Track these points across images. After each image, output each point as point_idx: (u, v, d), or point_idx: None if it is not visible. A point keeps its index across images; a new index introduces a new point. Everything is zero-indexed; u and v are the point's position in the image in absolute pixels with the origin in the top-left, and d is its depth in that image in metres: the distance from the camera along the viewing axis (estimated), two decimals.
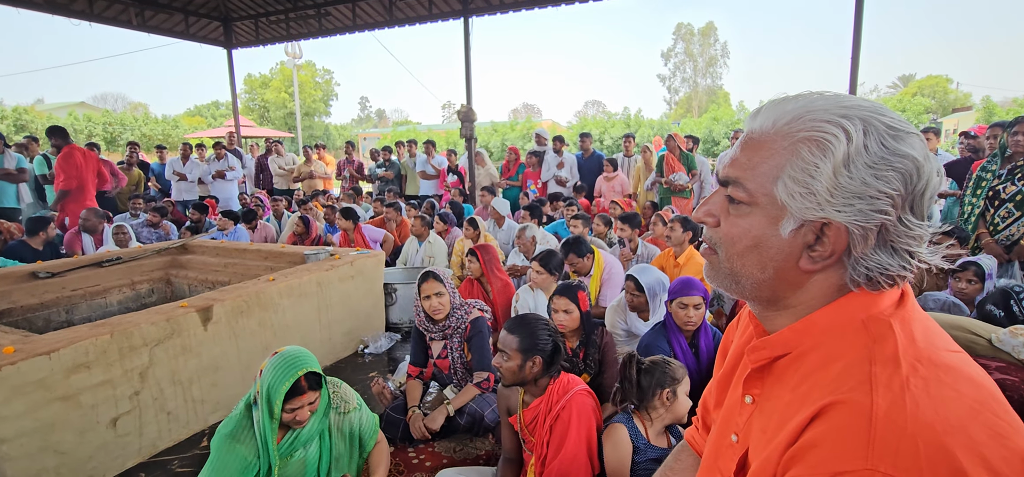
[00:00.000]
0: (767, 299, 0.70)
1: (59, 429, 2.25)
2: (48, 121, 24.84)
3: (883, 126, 0.60)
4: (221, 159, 8.39)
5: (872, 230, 0.61)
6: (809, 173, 0.61)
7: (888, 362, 0.58)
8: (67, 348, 2.27)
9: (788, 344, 0.68)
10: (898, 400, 0.55)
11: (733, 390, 0.82)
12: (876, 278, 0.63)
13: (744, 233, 0.67)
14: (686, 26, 44.22)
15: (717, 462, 0.81)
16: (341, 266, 3.80)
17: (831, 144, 0.60)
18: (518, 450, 2.15)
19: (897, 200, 0.60)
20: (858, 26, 6.40)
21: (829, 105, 0.62)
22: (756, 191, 0.66)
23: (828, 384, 0.60)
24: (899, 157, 0.60)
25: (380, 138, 24.05)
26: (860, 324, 0.63)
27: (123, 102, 46.82)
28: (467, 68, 7.71)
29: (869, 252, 0.62)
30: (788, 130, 0.63)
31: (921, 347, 0.60)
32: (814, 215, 0.62)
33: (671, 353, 2.47)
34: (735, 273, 0.70)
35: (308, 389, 1.73)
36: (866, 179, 0.60)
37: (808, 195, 0.62)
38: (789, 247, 0.65)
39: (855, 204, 0.60)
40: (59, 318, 3.85)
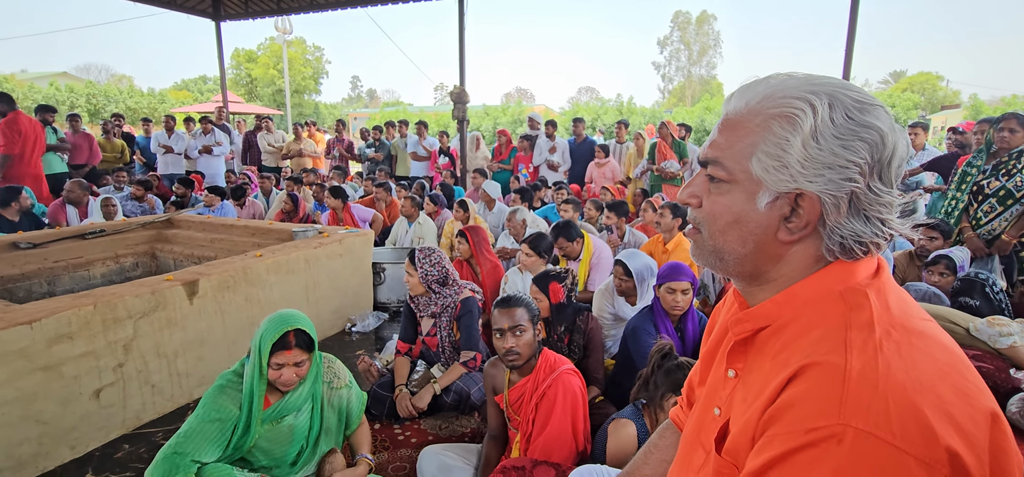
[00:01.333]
0: (749, 274, 0.73)
1: (41, 399, 2.23)
2: (29, 91, 24.24)
3: (849, 100, 0.64)
4: (208, 134, 8.25)
5: (843, 199, 0.64)
6: (781, 147, 0.65)
7: (863, 327, 0.61)
8: (49, 318, 2.24)
9: (769, 316, 0.71)
10: (871, 361, 0.58)
11: (717, 366, 0.84)
12: (850, 246, 0.66)
13: (725, 210, 0.71)
14: (684, 14, 44.06)
15: (699, 436, 0.82)
16: (330, 244, 3.78)
17: (799, 118, 0.64)
18: (503, 428, 2.17)
19: (865, 168, 0.63)
20: (853, 20, 6.42)
21: (798, 84, 0.66)
22: (734, 168, 0.69)
23: (805, 349, 0.63)
24: (865, 128, 0.63)
25: (370, 118, 23.81)
26: (838, 295, 0.65)
27: (107, 73, 45.74)
28: (461, 47, 7.62)
29: (843, 221, 0.65)
30: (760, 108, 0.67)
31: (895, 314, 0.63)
32: (788, 187, 0.65)
33: (658, 335, 2.50)
34: (718, 249, 0.73)
35: (295, 347, 1.76)
36: (834, 149, 0.63)
37: (781, 168, 0.65)
38: (767, 220, 0.68)
39: (825, 174, 0.64)
40: (41, 289, 3.79)
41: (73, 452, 2.37)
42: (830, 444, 0.55)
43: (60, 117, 8.11)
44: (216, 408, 1.70)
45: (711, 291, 3.83)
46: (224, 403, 1.71)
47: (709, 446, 0.76)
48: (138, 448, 2.46)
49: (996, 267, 3.71)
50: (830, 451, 0.55)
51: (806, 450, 0.57)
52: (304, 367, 1.80)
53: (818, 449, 0.56)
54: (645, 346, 2.49)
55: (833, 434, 0.55)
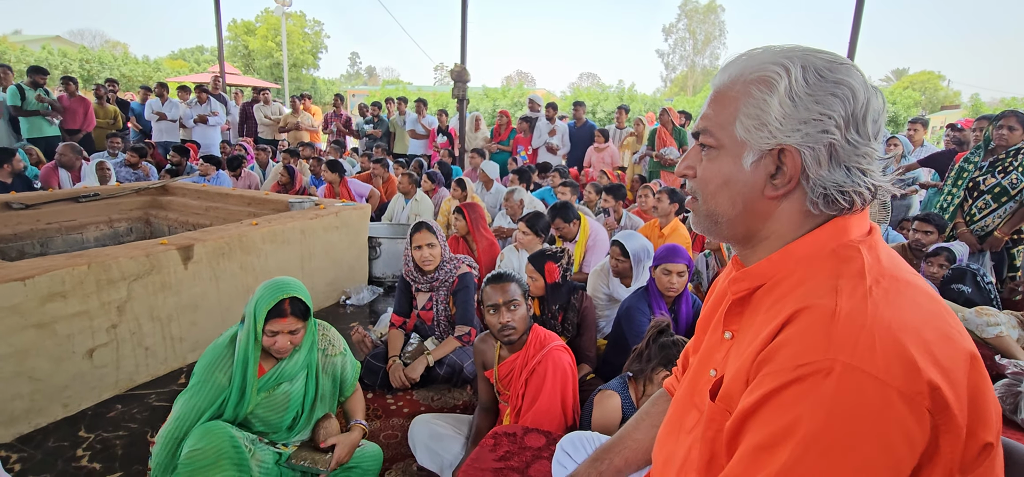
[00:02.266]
0: (743, 235, 0.78)
1: (33, 356, 2.23)
2: (22, 53, 23.86)
3: (820, 61, 0.69)
4: (204, 103, 8.17)
5: (822, 150, 0.68)
6: (760, 108, 0.70)
7: (854, 276, 0.65)
8: (42, 275, 2.23)
9: (765, 274, 0.74)
10: (859, 303, 0.61)
11: (713, 331, 0.86)
12: (833, 196, 0.70)
13: (715, 174, 0.76)
14: (693, 2, 43.65)
15: (693, 398, 0.84)
16: (326, 216, 3.77)
17: (775, 80, 0.69)
18: (494, 401, 2.19)
19: (840, 121, 0.68)
20: (857, 18, 6.39)
21: (773, 52, 0.72)
22: (720, 134, 0.75)
23: (798, 297, 0.67)
24: (835, 84, 0.68)
25: (369, 95, 23.59)
26: (831, 251, 0.69)
27: (101, 39, 44.95)
28: (463, 23, 7.53)
29: (824, 173, 0.69)
30: (740, 77, 0.73)
31: (885, 266, 0.67)
32: (769, 144, 0.70)
33: (651, 316, 2.52)
34: (712, 213, 0.78)
35: (290, 315, 1.74)
36: (808, 105, 0.68)
37: (760, 127, 0.70)
38: (753, 179, 0.73)
39: (802, 128, 0.68)
40: (33, 250, 3.78)
41: (65, 410, 2.38)
42: (817, 377, 0.58)
43: (53, 81, 8.00)
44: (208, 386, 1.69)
45: (704, 277, 3.86)
46: (216, 377, 1.71)
47: (703, 405, 0.78)
48: (131, 408, 2.47)
49: (987, 264, 3.75)
50: (818, 384, 0.58)
51: (795, 384, 0.60)
52: (299, 335, 1.80)
53: (806, 383, 0.59)
54: (639, 326, 2.52)
55: (820, 368, 0.58)
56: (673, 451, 0.85)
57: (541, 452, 1.55)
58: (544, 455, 1.53)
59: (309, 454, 1.81)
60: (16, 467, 2.06)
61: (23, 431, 2.24)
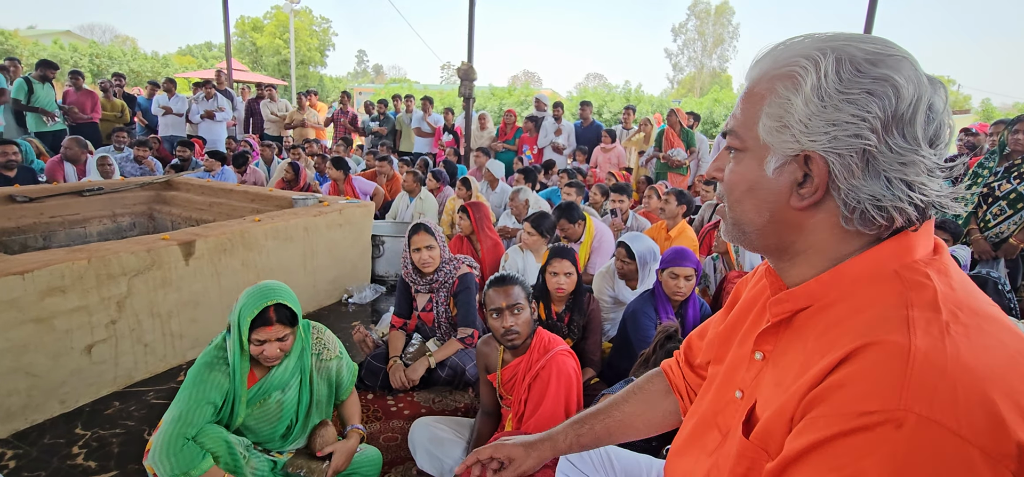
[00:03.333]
0: (775, 247, 0.70)
1: (32, 351, 2.21)
2: (33, 48, 24.02)
3: (860, 53, 0.59)
4: (210, 99, 8.17)
5: (854, 158, 0.59)
6: (783, 108, 0.62)
7: (927, 307, 0.56)
8: (42, 270, 2.20)
9: (813, 295, 0.66)
10: (938, 343, 0.52)
11: (739, 346, 0.79)
12: (870, 212, 0.61)
13: (740, 178, 0.69)
14: (704, 2, 43.44)
15: (716, 418, 0.78)
16: (329, 213, 3.73)
17: (800, 76, 0.61)
18: (496, 405, 2.14)
19: (876, 124, 0.58)
20: (869, 21, 6.31)
21: (808, 42, 0.63)
22: (745, 135, 0.68)
23: (858, 329, 0.57)
24: (873, 80, 0.58)
25: (375, 93, 23.60)
26: (892, 273, 0.60)
27: (110, 34, 45.26)
28: (470, 22, 7.49)
29: (858, 183, 0.60)
30: (767, 72, 0.65)
31: (961, 296, 0.58)
32: (792, 149, 0.62)
33: (657, 320, 2.47)
34: (738, 221, 0.71)
35: (276, 322, 1.64)
36: (838, 105, 0.59)
37: (783, 129, 0.63)
38: (778, 186, 0.65)
39: (829, 132, 0.59)
40: (36, 244, 3.76)
41: (63, 406, 2.35)
42: (887, 429, 0.50)
43: (62, 75, 8.02)
44: (210, 384, 1.61)
45: (712, 280, 3.80)
46: (216, 377, 1.63)
47: (727, 429, 0.72)
48: (128, 405, 2.44)
49: (1001, 270, 3.68)
50: (886, 437, 0.50)
51: (858, 435, 0.52)
52: (288, 342, 1.70)
53: (872, 434, 0.51)
54: (645, 330, 2.47)
55: (891, 418, 0.50)
56: (691, 471, 0.80)
57: None
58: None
59: (305, 463, 1.77)
60: (11, 464, 2.03)
61: (19, 427, 2.21)
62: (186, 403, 1.57)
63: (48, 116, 6.61)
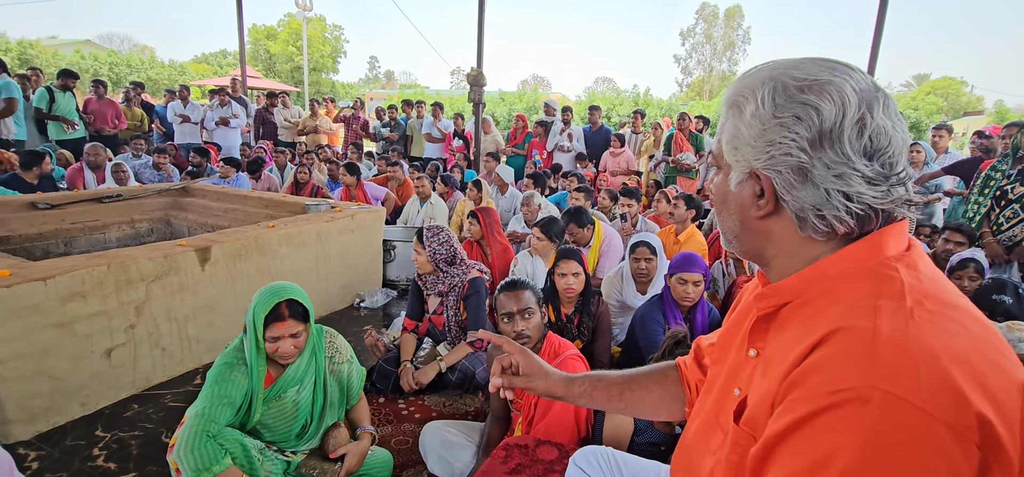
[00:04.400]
0: (752, 252, 0.78)
1: (53, 355, 2.27)
2: (53, 57, 24.52)
3: (792, 81, 0.67)
4: (225, 106, 8.30)
5: (791, 174, 0.68)
6: (734, 132, 0.72)
7: (894, 297, 0.61)
8: (63, 276, 2.27)
9: (794, 290, 0.71)
10: (901, 326, 0.57)
11: (738, 348, 0.83)
12: (811, 220, 0.68)
13: (717, 191, 0.79)
14: (711, 6, 43.27)
15: (718, 418, 0.81)
16: (341, 219, 3.79)
17: (742, 104, 0.71)
18: (506, 409, 2.16)
19: (803, 143, 0.66)
20: (879, 24, 6.26)
21: (753, 74, 0.72)
22: (718, 154, 0.78)
23: (832, 317, 0.62)
24: (799, 105, 0.66)
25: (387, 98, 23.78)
26: (868, 270, 0.65)
27: (129, 43, 46.14)
28: (480, 28, 7.54)
29: (799, 195, 0.68)
30: (728, 100, 0.75)
31: (927, 286, 0.62)
32: (744, 167, 0.72)
33: (666, 325, 2.48)
34: (723, 229, 0.81)
35: (289, 317, 1.71)
36: (771, 128, 0.68)
37: (734, 150, 0.73)
38: (742, 199, 0.74)
39: (768, 151, 0.68)
40: (57, 250, 3.85)
41: (83, 408, 2.41)
42: (855, 406, 0.54)
43: (83, 84, 8.21)
44: (232, 383, 1.67)
45: (721, 285, 3.79)
46: (237, 376, 1.68)
47: (728, 426, 0.75)
48: (147, 408, 2.49)
49: (1015, 274, 3.63)
50: (855, 413, 0.54)
51: (829, 412, 0.56)
52: (301, 338, 1.77)
53: (842, 411, 0.55)
54: (653, 335, 2.48)
55: (859, 396, 0.54)
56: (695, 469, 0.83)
57: (553, 465, 1.52)
58: (556, 469, 1.50)
59: (318, 464, 1.81)
60: (34, 465, 2.09)
61: (41, 429, 2.28)
62: (208, 401, 1.62)
63: (69, 124, 6.77)
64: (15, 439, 2.19)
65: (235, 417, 1.68)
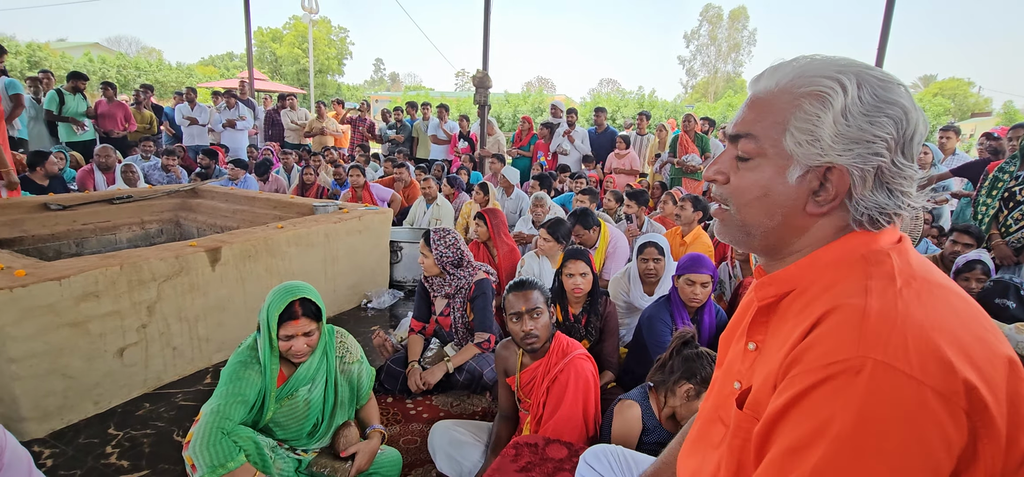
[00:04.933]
0: (773, 247, 0.76)
1: (67, 354, 2.30)
2: (62, 60, 24.74)
3: (874, 78, 0.67)
4: (232, 108, 8.37)
5: (870, 172, 0.67)
6: (813, 123, 0.68)
7: (883, 277, 0.65)
8: (77, 276, 2.30)
9: (793, 280, 0.73)
10: (891, 302, 0.61)
11: (735, 344, 0.85)
12: (875, 217, 0.69)
13: (753, 184, 0.74)
14: (715, 8, 43.25)
15: (718, 412, 0.83)
16: (349, 220, 3.81)
17: (830, 96, 0.67)
18: (514, 409, 2.18)
19: (891, 143, 0.67)
20: (886, 25, 6.25)
21: (824, 64, 0.70)
22: (765, 143, 0.72)
23: (826, 300, 0.66)
24: (889, 104, 0.66)
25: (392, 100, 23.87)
26: (860, 257, 0.69)
27: (137, 46, 46.50)
28: (486, 31, 7.57)
29: (868, 193, 0.68)
30: (790, 87, 0.70)
31: (916, 269, 0.67)
32: (818, 161, 0.69)
33: (673, 326, 2.48)
34: (746, 224, 0.76)
35: (302, 316, 1.74)
36: (862, 125, 0.66)
37: (813, 142, 0.68)
38: (796, 193, 0.71)
39: (854, 148, 0.67)
40: (69, 250, 3.90)
41: (96, 407, 2.44)
42: (848, 376, 0.57)
43: (92, 86, 8.29)
44: (247, 381, 1.69)
45: (727, 287, 3.79)
46: (251, 375, 1.71)
47: (729, 419, 0.76)
48: (158, 407, 2.52)
49: (1023, 276, 3.61)
50: (849, 382, 0.57)
51: (825, 384, 0.59)
52: (314, 336, 1.80)
53: (836, 381, 0.58)
54: (661, 336, 2.48)
55: (851, 367, 0.57)
56: (699, 467, 0.84)
57: (563, 464, 1.53)
58: (566, 467, 1.51)
59: (329, 462, 1.83)
60: (48, 462, 2.12)
61: (55, 427, 2.31)
62: (223, 399, 1.65)
63: (78, 125, 6.84)
64: (29, 436, 2.22)
65: (248, 415, 1.71)
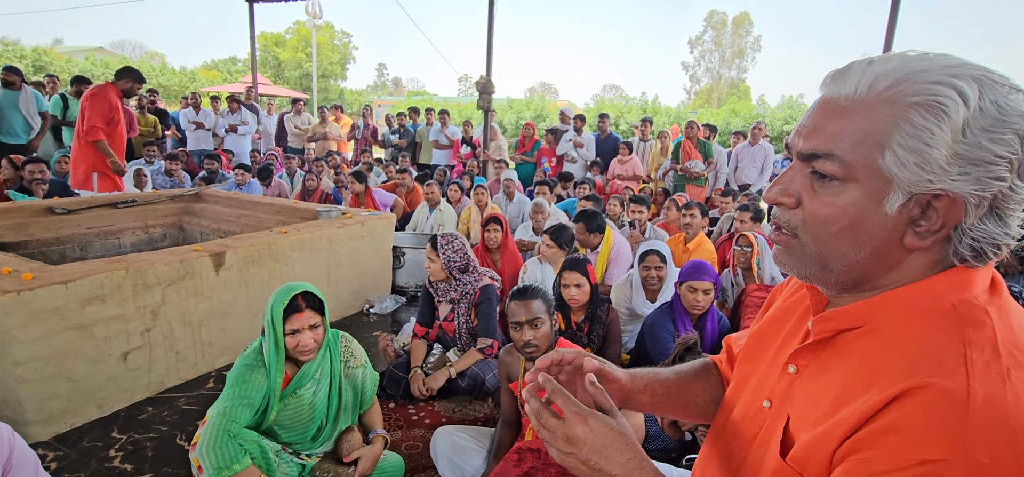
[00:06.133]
0: (854, 282, 0.64)
1: (72, 357, 2.31)
2: (66, 64, 24.88)
3: (997, 84, 0.54)
4: (235, 113, 8.42)
5: (986, 198, 0.55)
6: (924, 141, 0.54)
7: (986, 348, 0.53)
8: (83, 279, 2.31)
9: (860, 318, 0.62)
10: (998, 389, 0.50)
11: (772, 357, 0.76)
12: (983, 249, 0.57)
13: (839, 212, 0.60)
14: (719, 14, 43.38)
15: (741, 426, 0.77)
16: (352, 225, 3.82)
17: (947, 108, 0.53)
18: (517, 414, 2.18)
19: (1015, 163, 0.54)
20: (890, 31, 6.26)
21: (933, 65, 0.56)
22: (855, 164, 0.58)
23: (908, 364, 0.55)
24: (1017, 116, 0.53)
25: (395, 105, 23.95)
26: (949, 307, 0.57)
27: (140, 50, 46.75)
28: (489, 36, 7.59)
29: (977, 223, 0.56)
30: (890, 95, 0.56)
31: (1020, 337, 0.55)
32: (927, 187, 0.55)
33: (675, 333, 2.49)
34: (824, 256, 0.63)
35: (306, 308, 1.78)
36: (983, 143, 0.53)
37: (924, 165, 0.55)
38: (893, 223, 0.58)
39: (972, 172, 0.54)
40: (74, 254, 3.91)
41: (100, 411, 2.45)
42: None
43: None
44: (252, 384, 1.71)
45: (729, 294, 3.79)
46: (257, 378, 1.73)
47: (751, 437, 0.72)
48: (161, 411, 2.53)
49: None
50: None
51: None
52: (320, 330, 1.82)
53: None
54: (663, 343, 2.49)
55: (952, 469, 0.48)
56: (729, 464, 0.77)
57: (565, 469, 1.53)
58: (568, 473, 1.51)
59: (332, 467, 1.83)
60: (52, 466, 2.12)
61: (59, 430, 2.31)
62: (229, 402, 1.67)
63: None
64: (34, 439, 2.23)
65: (253, 418, 1.72)
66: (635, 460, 0.69)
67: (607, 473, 0.69)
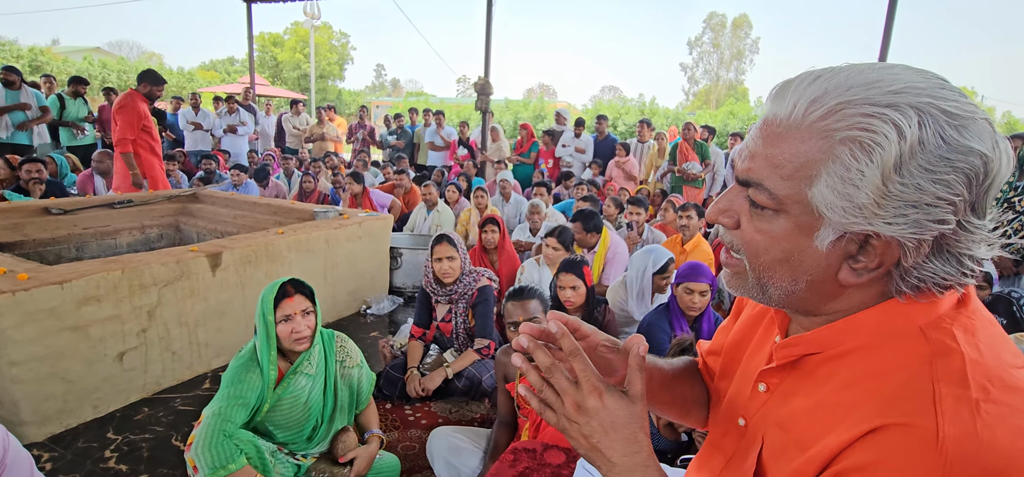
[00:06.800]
0: (798, 309, 0.63)
1: (68, 358, 2.30)
2: (64, 64, 24.81)
3: (943, 115, 0.49)
4: (233, 113, 8.41)
5: (929, 242, 0.51)
6: (853, 182, 0.51)
7: (954, 382, 0.50)
8: (79, 280, 2.31)
9: (823, 343, 0.61)
10: (968, 428, 0.48)
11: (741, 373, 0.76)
12: (927, 288, 0.54)
13: (772, 243, 0.58)
14: (719, 16, 43.47)
15: (721, 441, 0.77)
16: (349, 226, 3.82)
17: (879, 145, 0.49)
18: (513, 415, 2.18)
19: (959, 205, 0.50)
20: (887, 33, 6.28)
21: (873, 93, 0.50)
22: (784, 197, 0.55)
23: (881, 400, 0.53)
24: (962, 153, 0.49)
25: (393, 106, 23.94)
26: (918, 331, 0.54)
27: (137, 50, 46.66)
28: (487, 37, 7.59)
29: (921, 261, 0.53)
30: (823, 127, 0.52)
31: (990, 364, 0.52)
32: (858, 228, 0.52)
33: (672, 334, 2.49)
34: (763, 284, 0.61)
35: (296, 293, 1.78)
36: (921, 184, 0.49)
37: (852, 207, 0.52)
38: (827, 259, 0.56)
39: (909, 214, 0.50)
40: (70, 254, 3.90)
41: (95, 412, 2.44)
42: None
43: (93, 90, 8.34)
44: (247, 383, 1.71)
45: (726, 295, 3.80)
46: (252, 377, 1.73)
47: (728, 453, 0.73)
48: (157, 412, 2.52)
49: (1022, 288, 3.62)
50: None
51: None
52: (312, 317, 1.82)
53: None
54: (659, 344, 2.49)
55: None
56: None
57: (561, 469, 1.54)
58: (564, 473, 1.51)
59: (328, 468, 1.83)
60: (48, 466, 2.12)
61: (54, 431, 2.31)
62: (224, 402, 1.67)
63: (78, 130, 6.88)
64: (29, 440, 2.22)
65: (248, 417, 1.72)
66: (640, 455, 0.64)
67: (605, 457, 0.64)
